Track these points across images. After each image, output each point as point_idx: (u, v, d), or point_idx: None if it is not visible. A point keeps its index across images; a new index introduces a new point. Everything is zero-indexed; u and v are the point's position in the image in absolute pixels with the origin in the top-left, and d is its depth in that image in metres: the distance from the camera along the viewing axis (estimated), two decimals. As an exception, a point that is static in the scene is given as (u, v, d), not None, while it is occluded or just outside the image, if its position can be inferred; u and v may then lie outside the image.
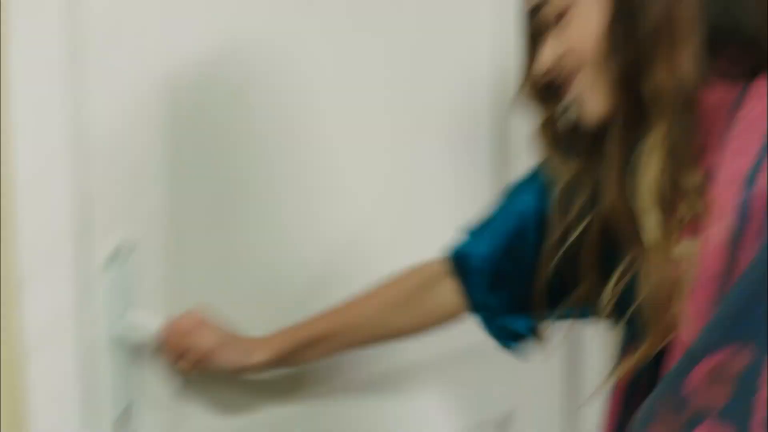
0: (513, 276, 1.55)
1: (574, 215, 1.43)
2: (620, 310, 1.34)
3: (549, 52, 1.32)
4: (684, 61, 1.20)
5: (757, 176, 1.13)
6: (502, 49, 1.95)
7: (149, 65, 1.58)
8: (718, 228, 1.15)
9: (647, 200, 1.24)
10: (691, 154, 1.23)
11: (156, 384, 1.63)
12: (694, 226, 1.23)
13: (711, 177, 1.21)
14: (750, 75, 1.22)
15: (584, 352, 2.20)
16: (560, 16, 1.30)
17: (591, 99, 1.29)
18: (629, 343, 1.34)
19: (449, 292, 1.62)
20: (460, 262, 1.60)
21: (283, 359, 1.59)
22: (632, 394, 1.35)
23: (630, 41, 1.22)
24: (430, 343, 1.80)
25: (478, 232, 1.60)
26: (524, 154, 1.61)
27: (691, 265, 1.20)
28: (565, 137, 1.41)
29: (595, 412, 1.51)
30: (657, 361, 1.25)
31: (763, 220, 1.11)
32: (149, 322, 1.58)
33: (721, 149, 1.20)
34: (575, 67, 1.30)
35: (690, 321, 1.16)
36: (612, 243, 1.35)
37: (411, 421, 1.96)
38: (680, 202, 1.24)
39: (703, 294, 1.16)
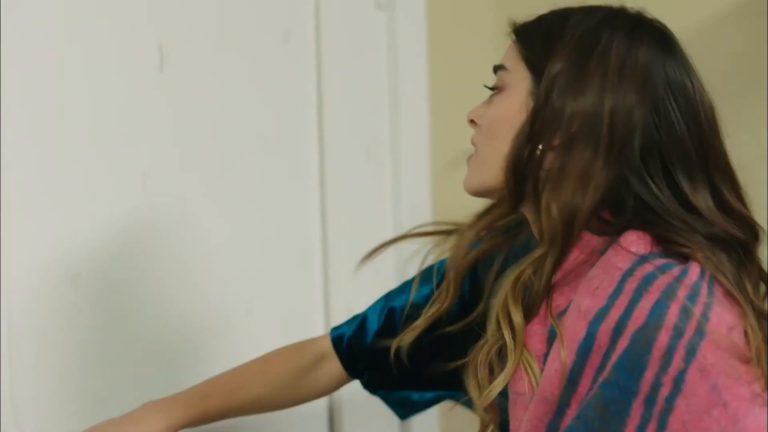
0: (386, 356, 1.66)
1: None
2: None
3: (478, 110, 1.44)
4: (579, 195, 1.30)
5: (604, 317, 1.25)
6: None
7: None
8: (561, 355, 1.27)
9: (509, 299, 1.36)
10: (549, 279, 1.34)
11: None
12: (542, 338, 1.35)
13: (568, 308, 1.31)
14: (618, 233, 1.34)
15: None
16: (496, 88, 1.41)
17: (480, 172, 1.41)
18: None
19: (333, 369, 1.74)
20: (339, 343, 1.73)
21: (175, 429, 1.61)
22: None
23: (532, 170, 1.34)
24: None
25: (357, 317, 1.74)
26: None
27: (532, 381, 1.32)
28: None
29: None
30: None
31: (601, 358, 1.24)
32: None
33: (581, 286, 1.31)
34: (477, 140, 1.42)
35: None
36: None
37: None
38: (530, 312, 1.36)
39: (537, 411, 1.29)
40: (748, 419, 1.18)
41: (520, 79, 1.39)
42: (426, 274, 1.71)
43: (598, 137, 1.31)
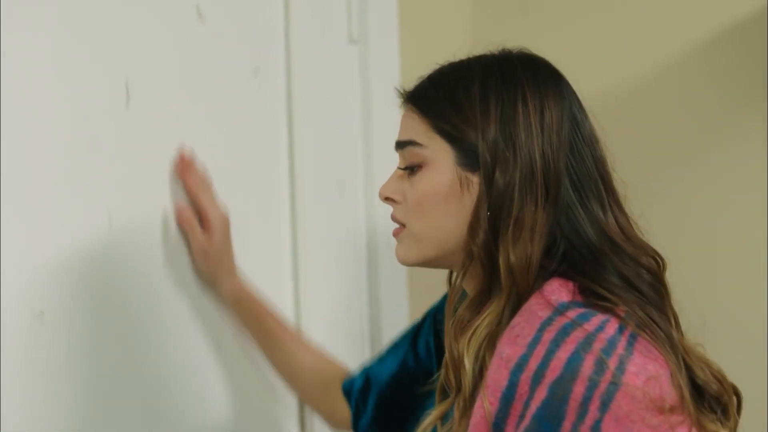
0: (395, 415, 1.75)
1: None
2: None
3: (394, 187, 1.48)
4: (530, 246, 1.36)
5: (524, 366, 1.29)
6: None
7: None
8: (485, 404, 1.30)
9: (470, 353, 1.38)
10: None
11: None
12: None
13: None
14: (544, 280, 1.38)
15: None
16: (415, 166, 1.44)
17: (418, 248, 1.45)
18: None
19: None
20: (348, 395, 1.87)
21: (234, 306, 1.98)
22: None
23: (490, 226, 1.37)
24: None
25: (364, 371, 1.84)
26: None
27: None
28: None
29: None
30: None
31: (522, 406, 1.27)
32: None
33: (504, 334, 1.34)
34: (405, 216, 1.45)
35: None
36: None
37: None
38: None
39: None
40: None
41: (440, 152, 1.42)
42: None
43: (536, 188, 1.36)
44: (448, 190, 1.40)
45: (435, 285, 1.75)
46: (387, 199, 1.49)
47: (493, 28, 1.53)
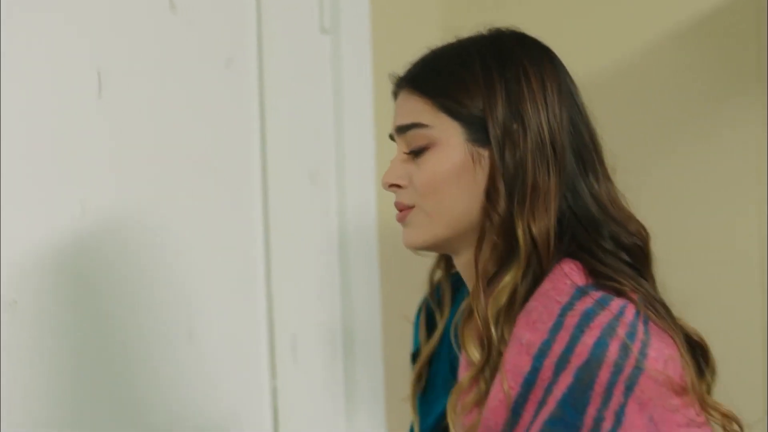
0: None
1: None
2: None
3: (399, 172, 1.44)
4: (548, 215, 1.37)
5: (548, 352, 1.29)
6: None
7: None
8: (505, 388, 1.30)
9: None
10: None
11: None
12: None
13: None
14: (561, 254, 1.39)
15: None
16: (421, 148, 1.41)
17: (430, 228, 1.42)
18: None
19: None
20: None
21: None
22: None
23: (508, 197, 1.38)
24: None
25: None
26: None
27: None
28: None
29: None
30: None
31: (543, 391, 1.28)
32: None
33: (520, 318, 1.34)
34: (413, 198, 1.42)
35: None
36: None
37: None
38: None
39: None
40: None
41: (448, 130, 1.40)
42: None
43: (546, 158, 1.38)
44: (461, 167, 1.40)
45: (406, 273, 1.76)
46: (392, 186, 1.46)
47: (466, 17, 1.52)
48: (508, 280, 1.37)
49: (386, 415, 2.42)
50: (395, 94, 1.48)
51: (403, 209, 1.44)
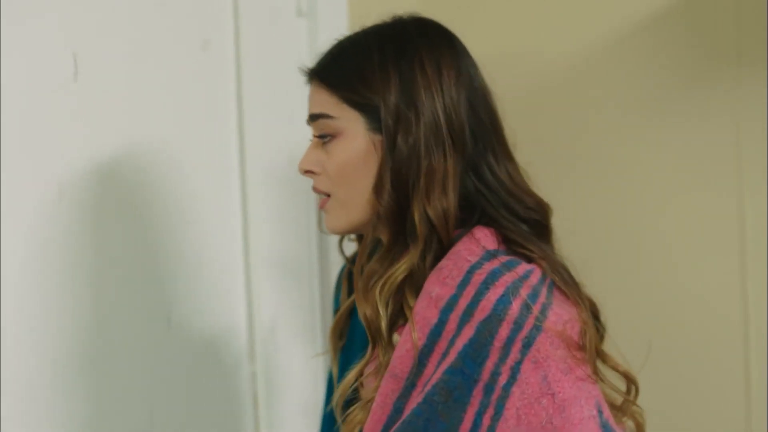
0: None
1: None
2: None
3: (312, 159, 1.53)
4: (446, 199, 1.44)
5: (454, 305, 1.37)
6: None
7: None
8: (414, 338, 1.38)
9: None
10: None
11: None
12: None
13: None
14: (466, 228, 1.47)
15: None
16: (328, 135, 1.51)
17: (346, 213, 1.50)
18: None
19: None
20: None
21: None
22: None
23: (400, 183, 1.45)
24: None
25: None
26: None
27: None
28: None
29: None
30: None
31: (447, 343, 1.36)
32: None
33: (431, 275, 1.42)
34: (328, 186, 1.51)
35: (376, 409, 1.40)
36: None
37: None
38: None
39: (386, 388, 1.40)
40: (573, 409, 1.34)
41: (351, 121, 1.49)
42: None
43: (442, 141, 1.45)
44: (365, 155, 1.48)
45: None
46: (307, 172, 1.55)
47: (442, 1, 1.53)
48: (403, 262, 1.44)
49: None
50: (310, 83, 1.59)
51: (321, 196, 1.54)
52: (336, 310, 1.72)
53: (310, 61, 2.34)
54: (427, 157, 1.44)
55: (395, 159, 1.45)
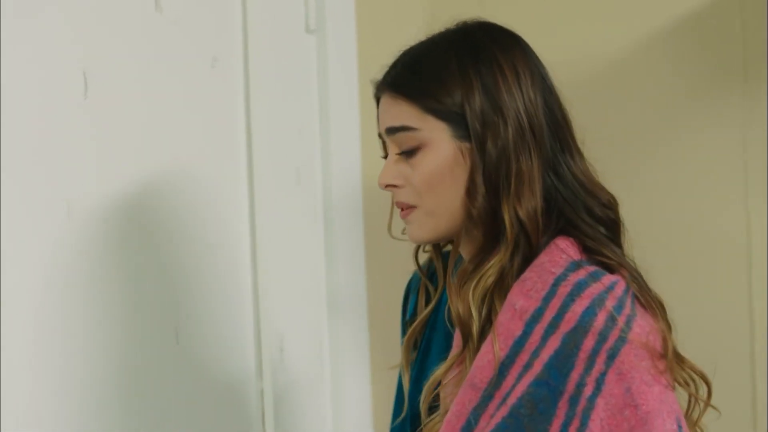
0: None
1: None
2: None
3: (393, 173, 1.50)
4: (534, 199, 1.44)
5: (539, 318, 1.38)
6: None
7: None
8: (495, 349, 1.39)
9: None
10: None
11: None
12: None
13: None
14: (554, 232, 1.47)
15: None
16: (412, 148, 1.48)
17: (434, 223, 1.49)
18: None
19: None
20: None
21: None
22: None
23: (491, 187, 1.45)
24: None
25: None
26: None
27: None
28: None
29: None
30: None
31: (530, 355, 1.37)
32: None
33: (515, 286, 1.42)
34: (413, 198, 1.49)
35: (451, 418, 1.39)
36: None
37: None
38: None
39: (464, 397, 1.40)
40: (655, 422, 1.34)
41: (436, 131, 1.47)
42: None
43: (527, 143, 1.45)
44: (453, 164, 1.46)
45: (393, 272, 1.76)
46: (388, 186, 1.52)
47: (450, 16, 1.54)
48: (494, 262, 1.44)
49: (373, 416, 2.42)
50: (377, 98, 1.55)
51: (405, 208, 1.51)
52: (408, 322, 1.70)
53: (318, 77, 2.37)
54: (516, 160, 1.44)
55: (486, 164, 1.44)
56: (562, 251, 1.44)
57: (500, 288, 1.44)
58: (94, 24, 1.88)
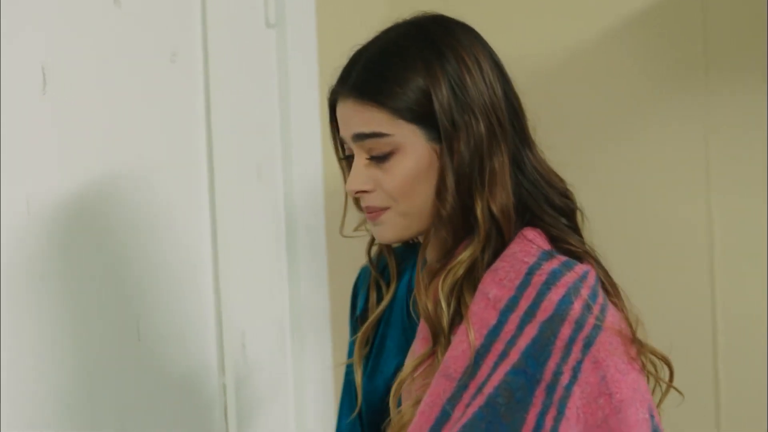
0: None
1: None
2: None
3: (363, 178, 1.46)
4: (506, 194, 1.44)
5: (514, 307, 1.38)
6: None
7: None
8: (471, 338, 1.38)
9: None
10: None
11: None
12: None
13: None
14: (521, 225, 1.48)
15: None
16: (383, 154, 1.44)
17: (406, 223, 1.47)
18: None
19: None
20: None
21: None
22: None
23: (463, 185, 1.43)
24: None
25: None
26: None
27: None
28: None
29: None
30: None
31: (505, 345, 1.37)
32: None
33: (486, 276, 1.42)
34: (385, 201, 1.46)
35: (424, 408, 1.38)
36: None
37: None
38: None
39: (438, 387, 1.39)
40: (629, 411, 1.35)
41: (409, 135, 1.44)
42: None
43: (497, 135, 1.44)
44: (427, 167, 1.45)
45: (355, 267, 1.76)
46: (360, 192, 1.48)
47: (411, 9, 1.52)
48: (465, 255, 1.44)
49: (335, 411, 2.41)
50: (334, 101, 1.50)
51: (374, 211, 1.48)
52: (359, 318, 1.67)
53: (278, 72, 2.36)
54: (489, 158, 1.43)
55: (458, 162, 1.42)
56: (531, 242, 1.44)
57: (470, 279, 1.43)
58: (53, 18, 1.86)
